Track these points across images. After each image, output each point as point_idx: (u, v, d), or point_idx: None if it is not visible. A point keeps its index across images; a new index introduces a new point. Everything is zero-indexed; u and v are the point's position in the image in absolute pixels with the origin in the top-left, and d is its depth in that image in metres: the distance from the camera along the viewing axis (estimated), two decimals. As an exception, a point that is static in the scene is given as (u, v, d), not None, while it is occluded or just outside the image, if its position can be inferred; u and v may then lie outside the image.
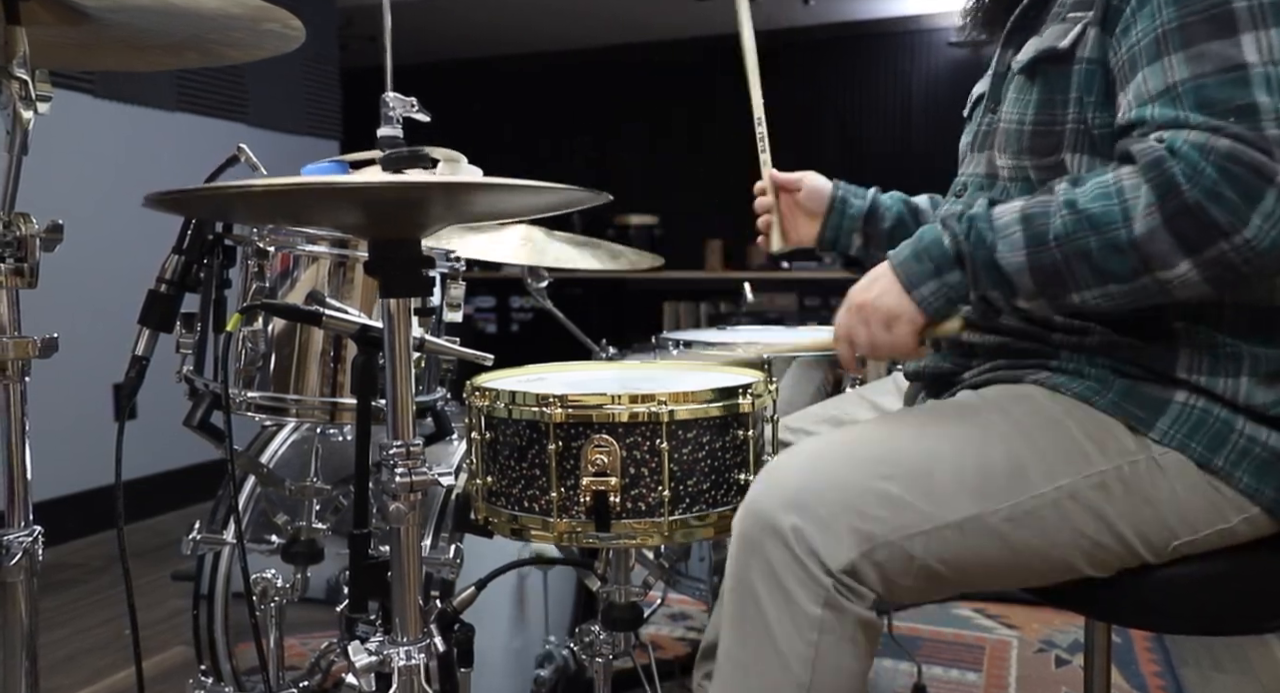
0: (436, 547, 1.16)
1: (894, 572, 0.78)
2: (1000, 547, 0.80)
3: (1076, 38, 0.83)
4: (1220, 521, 0.81)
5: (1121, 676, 1.74)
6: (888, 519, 0.77)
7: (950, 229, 0.81)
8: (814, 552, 0.76)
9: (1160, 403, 0.81)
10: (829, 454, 0.83)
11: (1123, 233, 0.73)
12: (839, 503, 0.77)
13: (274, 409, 1.08)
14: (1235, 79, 0.72)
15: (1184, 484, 0.80)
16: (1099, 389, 0.83)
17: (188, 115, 3.09)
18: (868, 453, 0.82)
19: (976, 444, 0.81)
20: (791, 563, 0.77)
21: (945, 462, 0.80)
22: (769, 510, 0.78)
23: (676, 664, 1.60)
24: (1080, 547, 0.80)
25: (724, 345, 1.40)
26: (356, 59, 4.02)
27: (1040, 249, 0.76)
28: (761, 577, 0.78)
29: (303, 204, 0.79)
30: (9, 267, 0.91)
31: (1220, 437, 0.80)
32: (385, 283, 0.80)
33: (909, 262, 0.83)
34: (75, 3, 0.89)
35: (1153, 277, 0.74)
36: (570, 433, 0.88)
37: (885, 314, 0.84)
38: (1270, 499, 0.80)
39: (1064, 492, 0.79)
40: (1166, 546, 0.81)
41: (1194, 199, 0.71)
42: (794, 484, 0.79)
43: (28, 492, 0.94)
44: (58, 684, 1.74)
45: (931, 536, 0.78)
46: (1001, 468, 0.80)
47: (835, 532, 0.77)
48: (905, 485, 0.79)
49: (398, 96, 0.88)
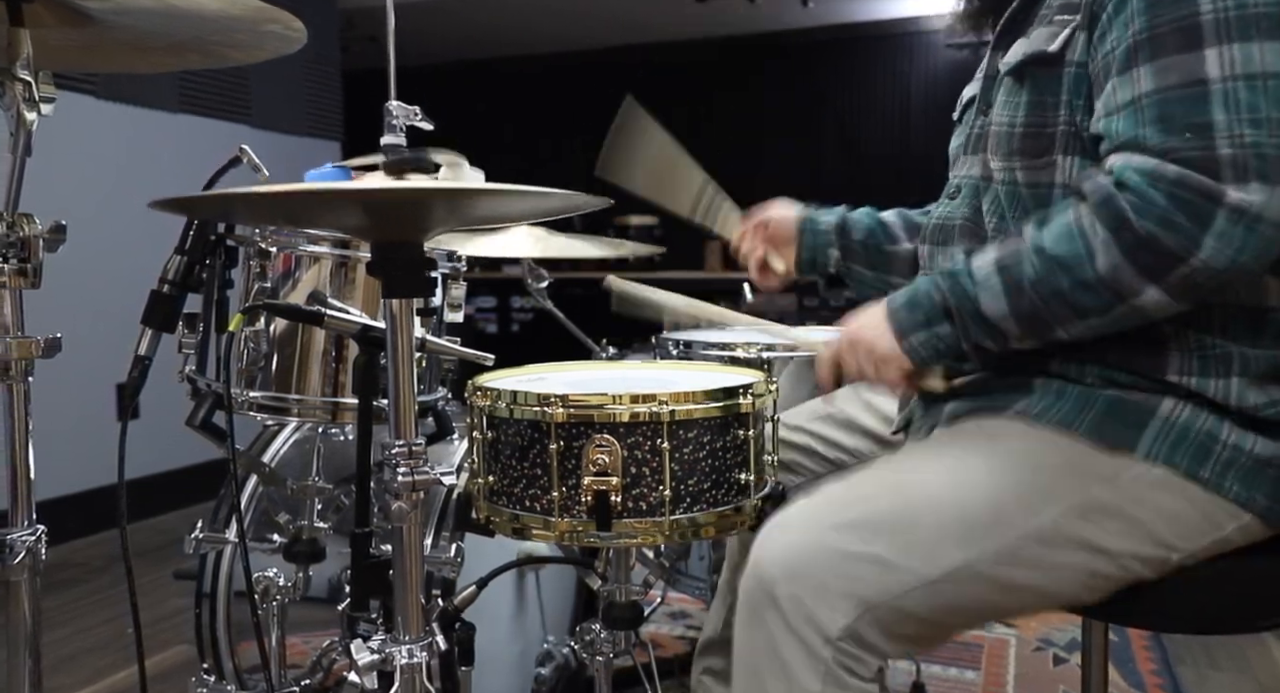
0: (438, 546, 1.16)
1: (894, 628, 0.78)
2: (996, 589, 0.80)
3: (1065, 41, 0.84)
4: (1214, 530, 0.80)
5: (1119, 674, 1.75)
6: (878, 581, 0.78)
7: (939, 284, 0.84)
8: (811, 619, 0.77)
9: (1143, 417, 0.81)
10: (818, 518, 0.82)
11: (1089, 270, 0.76)
12: (828, 569, 0.78)
13: (276, 409, 1.08)
14: (1195, 95, 0.73)
15: (1173, 498, 0.80)
16: (1080, 411, 0.82)
17: (190, 116, 3.09)
18: (848, 515, 0.81)
19: (954, 492, 0.82)
20: (790, 635, 0.77)
21: (926, 514, 0.80)
22: (768, 578, 0.79)
23: (676, 663, 1.61)
24: (1076, 579, 0.80)
25: (724, 345, 1.41)
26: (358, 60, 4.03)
27: (1019, 296, 0.79)
28: (764, 652, 0.79)
29: (307, 208, 0.80)
30: (12, 267, 0.91)
31: (1204, 448, 0.80)
32: (387, 284, 0.80)
33: (902, 310, 0.86)
34: (78, 5, 0.90)
35: (1127, 305, 0.76)
36: (571, 433, 0.88)
37: (876, 356, 0.88)
38: (1263, 506, 0.80)
39: (1047, 527, 0.79)
40: (1165, 562, 0.81)
41: (1146, 231, 0.73)
42: (788, 552, 0.80)
43: (31, 491, 0.94)
44: (60, 683, 1.74)
45: (926, 590, 0.78)
46: (982, 512, 0.80)
47: (829, 597, 0.77)
48: (890, 546, 0.79)
49: (401, 105, 0.88)
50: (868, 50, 4.74)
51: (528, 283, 1.64)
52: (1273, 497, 0.80)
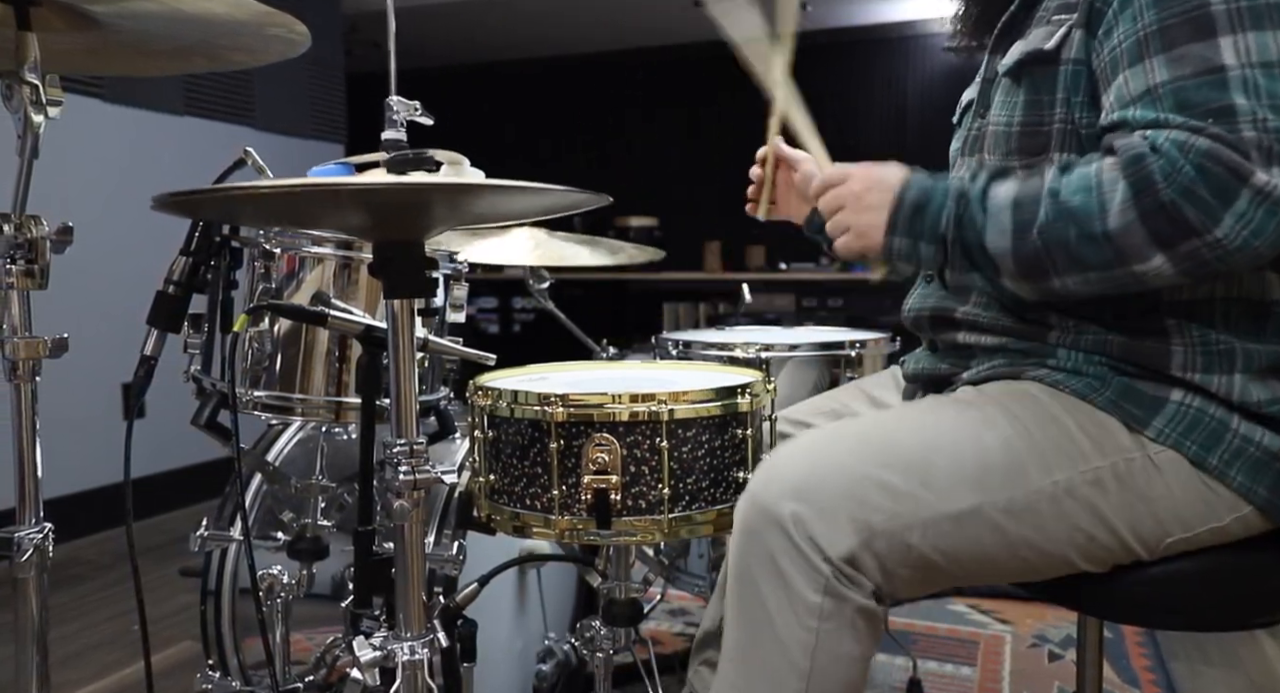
0: (440, 544, 1.17)
1: (892, 562, 0.79)
2: (997, 539, 0.80)
3: (1062, 39, 0.84)
4: (1213, 519, 0.81)
5: (1113, 670, 1.75)
6: (887, 508, 0.78)
7: (949, 205, 0.83)
8: (813, 539, 0.77)
9: (1157, 401, 0.82)
10: (829, 445, 0.84)
11: (1098, 225, 0.75)
12: (838, 492, 0.78)
13: (280, 408, 1.08)
14: (1214, 81, 0.73)
15: (1179, 482, 0.81)
16: (1098, 386, 0.83)
17: (195, 119, 3.11)
18: (868, 443, 0.83)
19: (975, 438, 0.82)
20: (791, 551, 0.78)
21: (944, 454, 0.81)
22: (769, 500, 0.79)
23: (676, 659, 1.61)
24: (1075, 542, 0.81)
25: (722, 346, 1.41)
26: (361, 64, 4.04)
27: (1024, 236, 0.79)
28: (762, 566, 0.79)
29: (309, 206, 0.80)
30: (20, 268, 0.92)
31: (1215, 436, 0.80)
32: (390, 284, 0.80)
33: (908, 209, 0.85)
34: (85, 9, 0.90)
35: (1127, 269, 0.76)
36: (572, 432, 0.89)
37: (857, 224, 0.88)
38: (1264, 499, 0.80)
39: (1060, 487, 0.80)
40: (1160, 543, 0.82)
41: (1169, 197, 0.72)
42: (794, 474, 0.80)
43: (38, 489, 0.95)
44: (68, 678, 1.75)
45: (929, 526, 0.79)
46: (999, 462, 0.81)
47: (835, 520, 0.78)
48: (904, 476, 0.79)
49: (401, 100, 0.89)
50: (864, 54, 4.75)
51: (529, 284, 1.64)
52: (1274, 490, 0.80)
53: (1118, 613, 0.86)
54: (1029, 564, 0.83)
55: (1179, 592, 0.83)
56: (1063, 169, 0.79)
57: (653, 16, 4.65)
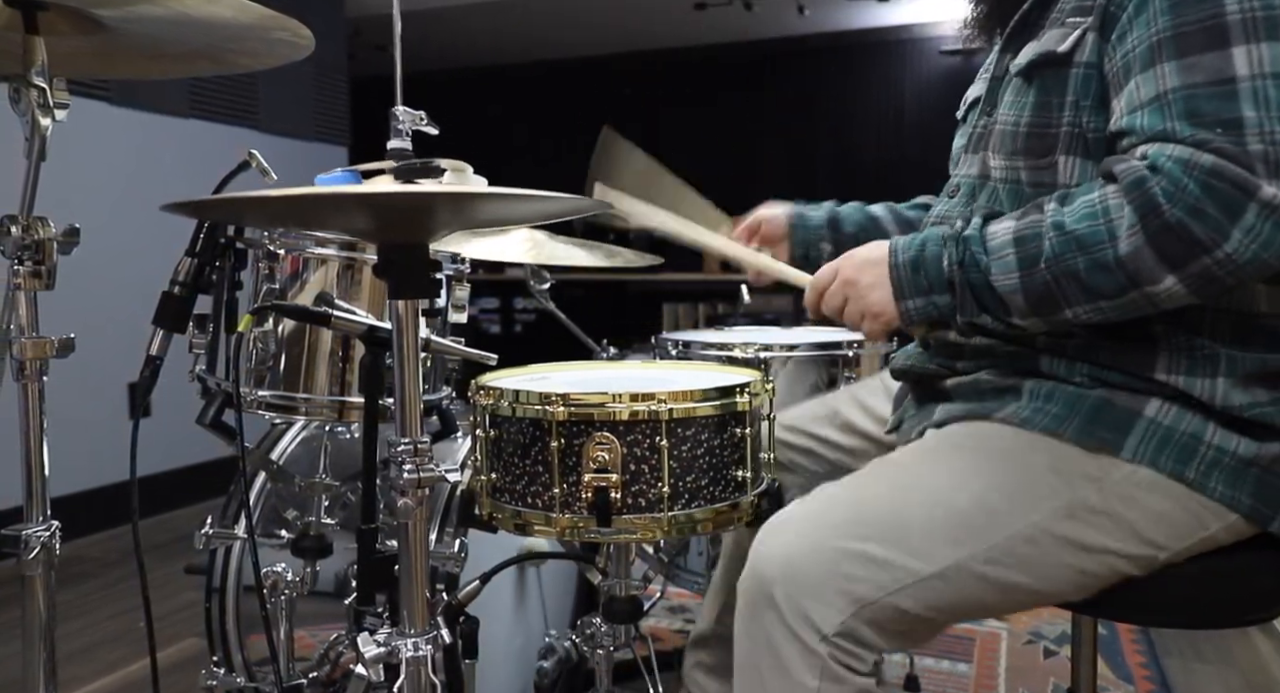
0: (442, 541, 1.17)
1: (890, 625, 0.80)
2: (987, 588, 0.81)
3: (1076, 42, 0.84)
4: (1200, 529, 0.81)
5: (1107, 667, 1.76)
6: (871, 579, 0.79)
7: (949, 250, 0.82)
8: (807, 618, 0.78)
9: (1129, 419, 0.82)
10: (813, 519, 0.84)
11: (1109, 252, 0.75)
12: (823, 570, 0.79)
13: (284, 408, 1.09)
14: (1224, 92, 0.73)
15: (1159, 499, 0.81)
16: (1064, 417, 0.83)
17: (200, 121, 3.12)
18: (841, 516, 0.83)
19: (945, 492, 0.83)
20: (787, 633, 0.78)
21: (917, 514, 0.81)
22: (765, 580, 0.80)
23: (675, 656, 1.62)
24: (1065, 577, 0.81)
25: (721, 346, 1.42)
26: (364, 67, 4.06)
27: (1032, 271, 0.78)
28: (762, 650, 0.80)
29: (318, 211, 0.81)
30: (27, 269, 0.93)
31: (1189, 449, 0.80)
32: (393, 285, 0.81)
33: (905, 269, 0.85)
34: (92, 13, 0.91)
35: (1140, 292, 0.75)
36: (572, 431, 0.90)
37: (868, 308, 0.88)
38: (1248, 506, 0.80)
39: (1036, 527, 0.80)
40: (1153, 560, 0.82)
41: (1175, 217, 0.72)
42: (784, 552, 0.81)
43: (45, 487, 0.96)
44: (75, 674, 1.76)
45: (918, 588, 0.79)
46: (973, 513, 0.81)
47: (824, 597, 0.78)
48: (882, 544, 0.80)
49: (407, 110, 0.90)
50: (862, 57, 4.76)
51: (530, 285, 1.65)
52: (1256, 496, 0.80)
53: (1113, 612, 0.87)
54: (1027, 602, 0.83)
55: (1173, 592, 0.83)
56: (1062, 201, 0.79)
57: (654, 20, 4.67)
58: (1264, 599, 0.85)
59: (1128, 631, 1.92)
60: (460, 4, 4.26)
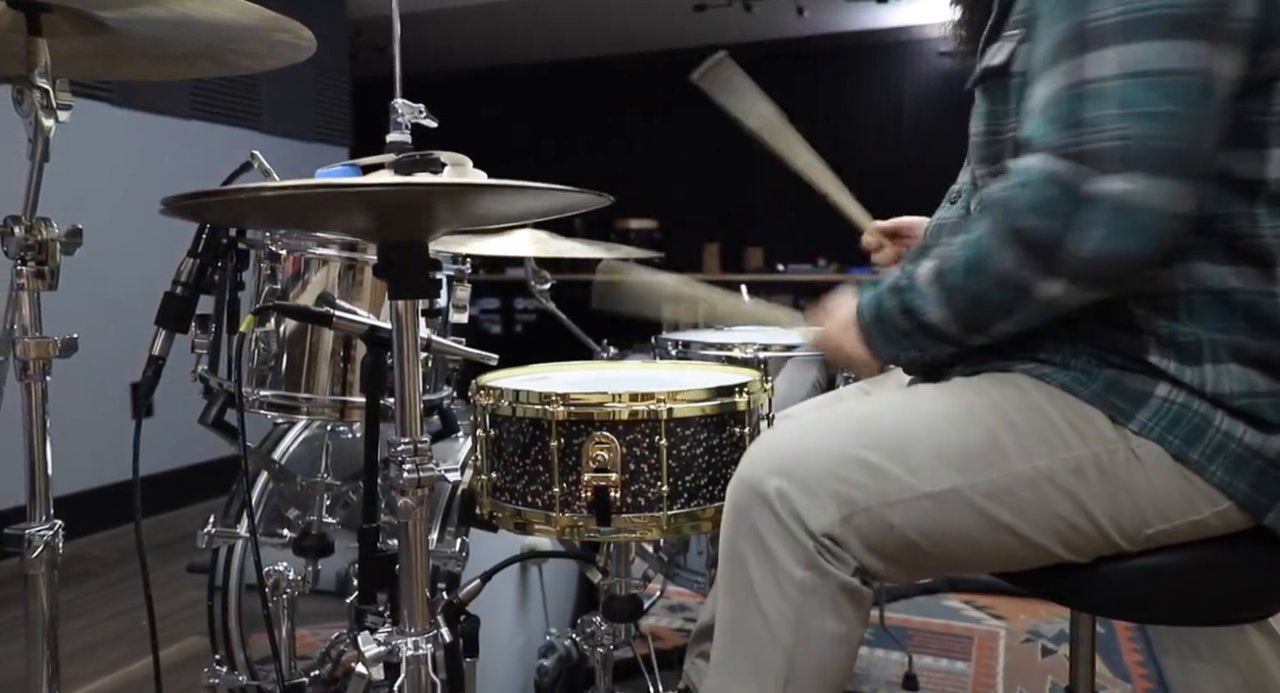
0: (443, 541, 1.18)
1: (874, 539, 0.80)
2: (977, 522, 0.82)
3: (1010, 53, 0.87)
4: (1193, 512, 0.82)
5: (1105, 665, 1.77)
6: (868, 486, 0.80)
7: (897, 302, 0.88)
8: (797, 514, 0.79)
9: (1142, 396, 0.83)
10: (815, 425, 0.86)
11: (992, 271, 0.80)
12: (821, 469, 0.80)
13: (285, 407, 1.10)
14: (1084, 93, 0.76)
15: (1159, 475, 0.82)
16: (1084, 380, 0.84)
17: (202, 122, 3.13)
18: (852, 424, 0.85)
19: (957, 420, 0.84)
20: (775, 525, 0.80)
21: (925, 435, 0.83)
22: (756, 477, 0.81)
23: (675, 655, 1.62)
24: (1055, 529, 0.82)
25: (721, 346, 1.43)
26: (366, 68, 4.07)
27: (952, 301, 0.84)
28: (748, 540, 0.81)
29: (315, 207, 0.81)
30: (31, 270, 0.93)
31: (1198, 431, 0.81)
32: (394, 285, 0.81)
33: (872, 328, 0.91)
34: (95, 15, 0.92)
35: (1032, 299, 0.79)
36: (572, 430, 0.91)
37: (850, 359, 0.94)
38: (1244, 494, 0.81)
39: (1041, 473, 0.81)
40: (1140, 533, 0.83)
41: (1016, 224, 0.77)
42: (780, 452, 0.83)
43: (48, 487, 0.96)
44: (78, 673, 1.77)
45: (910, 505, 0.80)
46: (981, 445, 0.82)
47: (817, 496, 0.79)
48: (886, 455, 0.81)
49: (406, 103, 0.90)
50: (861, 59, 4.77)
51: (531, 285, 1.66)
52: (1255, 486, 0.81)
53: (1104, 607, 0.87)
54: (1011, 551, 0.84)
55: (1162, 587, 0.84)
56: (966, 230, 0.84)
57: (654, 21, 4.68)
58: (1251, 597, 0.86)
59: (1125, 629, 1.93)
60: (461, 5, 4.27)
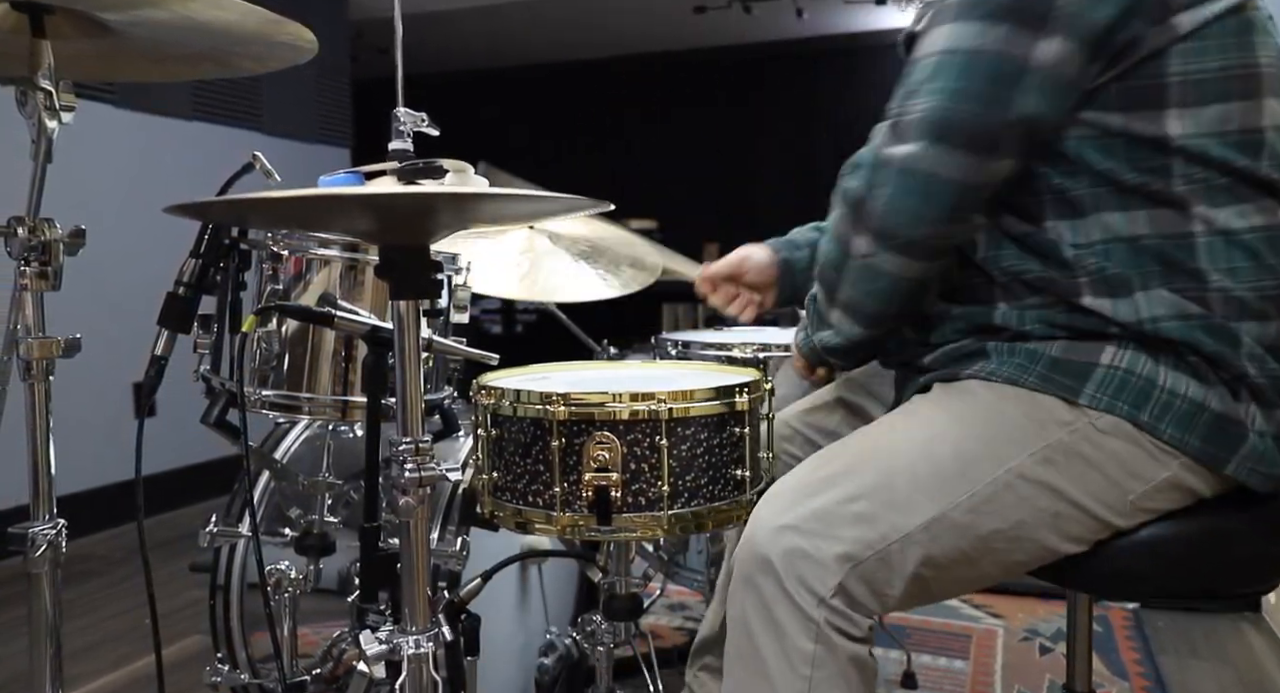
0: (444, 540, 1.18)
1: (881, 584, 0.82)
2: (971, 539, 0.83)
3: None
4: (1163, 469, 0.83)
5: (1103, 663, 1.77)
6: (864, 537, 0.81)
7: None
8: (803, 580, 0.80)
9: (1087, 367, 0.84)
10: (803, 487, 0.86)
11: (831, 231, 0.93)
12: (817, 532, 0.81)
13: (287, 407, 1.10)
14: (918, 68, 0.86)
15: (1120, 442, 0.83)
16: (1027, 366, 0.86)
17: (204, 124, 3.14)
18: (833, 479, 0.86)
19: (924, 446, 0.86)
20: (782, 596, 0.80)
21: (903, 469, 0.84)
22: (760, 547, 0.82)
23: (675, 653, 1.63)
24: (1043, 522, 0.83)
25: (721, 346, 1.43)
26: (366, 69, 4.08)
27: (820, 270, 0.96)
28: (756, 612, 0.82)
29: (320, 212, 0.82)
30: (34, 270, 0.94)
31: (1144, 394, 0.83)
32: (396, 286, 0.81)
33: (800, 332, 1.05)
34: (98, 17, 0.93)
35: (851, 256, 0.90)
36: (573, 430, 0.91)
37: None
38: (1197, 449, 0.82)
39: (1013, 473, 0.83)
40: (1125, 503, 0.84)
41: (843, 185, 0.91)
42: (777, 521, 0.83)
43: (51, 486, 0.97)
44: (81, 671, 1.78)
45: (906, 542, 0.81)
46: (952, 464, 0.84)
47: (819, 559, 0.80)
48: (873, 501, 0.83)
49: (408, 111, 0.90)
50: (861, 60, 4.78)
51: (532, 285, 1.65)
52: (1206, 440, 0.82)
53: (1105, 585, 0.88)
54: (1010, 557, 0.85)
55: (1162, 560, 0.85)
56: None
57: (654, 23, 4.68)
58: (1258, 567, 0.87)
59: (1123, 628, 1.94)
60: (462, 7, 4.27)
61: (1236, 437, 0.82)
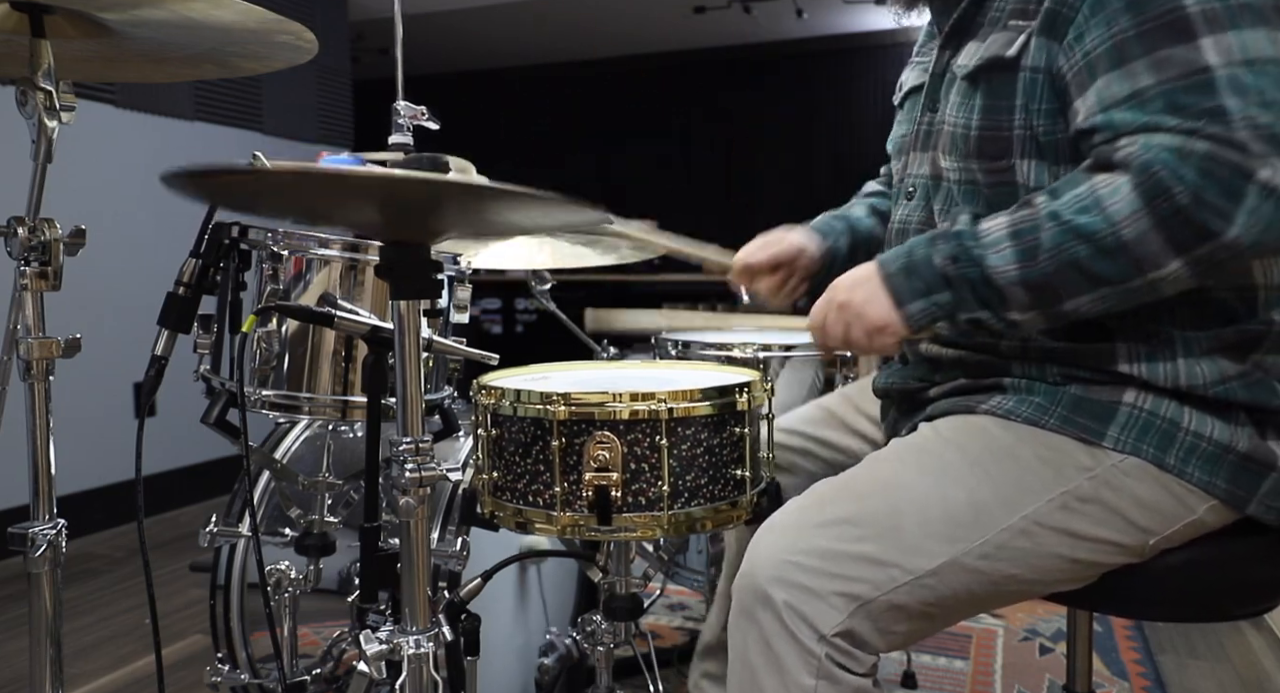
0: (444, 540, 1.18)
1: (887, 624, 0.80)
2: (982, 583, 0.82)
3: (1022, 46, 0.84)
4: (1187, 513, 0.82)
5: (1102, 663, 1.77)
6: (870, 578, 0.80)
7: (939, 249, 0.82)
8: (806, 619, 0.78)
9: (1109, 409, 0.82)
10: (808, 520, 0.84)
11: (1111, 239, 0.75)
12: (822, 572, 0.80)
13: (288, 407, 1.10)
14: (1200, 82, 0.74)
15: (1145, 486, 0.82)
16: (1047, 408, 0.84)
17: (205, 124, 3.14)
18: (841, 517, 0.83)
19: (937, 490, 0.83)
20: (783, 633, 0.79)
21: (912, 511, 0.82)
22: (761, 582, 0.81)
23: (675, 652, 1.63)
24: (1059, 568, 0.82)
25: (721, 346, 1.43)
26: (367, 70, 4.09)
27: (1032, 262, 0.78)
28: (756, 646, 0.81)
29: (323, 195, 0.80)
30: (34, 270, 0.94)
31: (1168, 436, 0.81)
32: (396, 286, 0.81)
33: (899, 276, 0.84)
34: (98, 17, 0.92)
35: (1144, 278, 0.76)
36: (573, 430, 0.91)
37: (870, 324, 0.86)
38: (1224, 491, 0.81)
39: (1029, 520, 0.81)
40: (1144, 546, 0.83)
41: (1183, 202, 0.72)
42: (779, 553, 0.81)
43: (52, 486, 0.97)
44: (81, 671, 1.78)
45: (914, 586, 0.80)
46: (965, 509, 0.82)
47: (824, 598, 0.79)
48: (879, 544, 0.80)
49: (408, 105, 0.91)
50: (860, 60, 4.79)
51: (532, 285, 1.66)
52: (1231, 481, 0.81)
53: (1105, 606, 0.87)
54: (1019, 591, 0.84)
55: (1164, 585, 0.84)
56: (1053, 193, 0.79)
57: (654, 23, 4.68)
58: (1252, 592, 0.86)
59: (1123, 628, 1.94)
60: (464, 8, 4.27)
61: (1258, 476, 0.81)
